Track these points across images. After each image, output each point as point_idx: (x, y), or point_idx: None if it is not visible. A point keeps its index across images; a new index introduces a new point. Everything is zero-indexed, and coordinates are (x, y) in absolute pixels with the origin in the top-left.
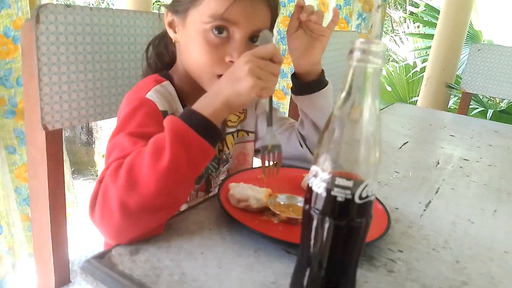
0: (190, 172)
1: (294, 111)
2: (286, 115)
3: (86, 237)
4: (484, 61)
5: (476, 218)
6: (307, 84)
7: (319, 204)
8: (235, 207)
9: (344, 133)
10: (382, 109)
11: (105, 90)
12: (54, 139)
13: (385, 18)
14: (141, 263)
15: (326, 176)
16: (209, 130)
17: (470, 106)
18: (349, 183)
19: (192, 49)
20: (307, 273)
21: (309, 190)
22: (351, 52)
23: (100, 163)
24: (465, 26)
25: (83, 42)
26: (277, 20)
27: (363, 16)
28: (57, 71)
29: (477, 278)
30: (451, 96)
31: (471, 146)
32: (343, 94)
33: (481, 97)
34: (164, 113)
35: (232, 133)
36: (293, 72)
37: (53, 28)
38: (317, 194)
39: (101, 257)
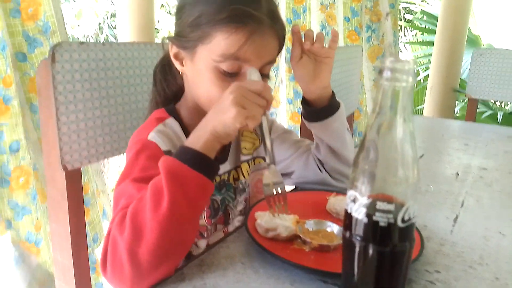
0: (190, 210)
1: (304, 131)
2: (282, 125)
3: None
4: (487, 65)
5: (507, 230)
6: (319, 110)
7: (361, 231)
8: (264, 237)
9: (380, 154)
10: None
11: (121, 124)
12: (74, 178)
13: (398, 25)
14: None
15: (365, 200)
16: (203, 163)
17: (478, 110)
18: (391, 207)
19: (203, 83)
20: None
21: (348, 216)
22: (380, 71)
23: (110, 197)
24: (465, 31)
25: (97, 77)
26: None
27: (372, 28)
28: (74, 109)
29: None
30: (456, 103)
31: (487, 154)
32: (376, 114)
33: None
34: (167, 153)
35: (247, 160)
36: (302, 98)
37: (68, 66)
38: (357, 220)
39: None
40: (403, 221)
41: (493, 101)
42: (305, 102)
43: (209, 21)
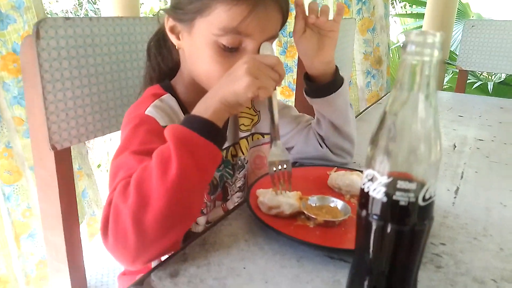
0: (200, 177)
1: (301, 106)
2: (281, 101)
3: (101, 255)
4: (478, 37)
5: (508, 201)
6: (323, 86)
7: (379, 210)
8: (267, 214)
9: (401, 132)
10: (384, 95)
11: (111, 102)
12: (63, 158)
13: None
14: (184, 286)
15: (385, 180)
16: (212, 132)
17: (468, 81)
18: (412, 186)
19: (201, 59)
20: (367, 281)
21: (365, 195)
22: (404, 45)
23: (96, 173)
24: (455, 2)
25: (85, 54)
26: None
27: (363, 0)
28: (61, 88)
29: None
30: (445, 74)
31: (482, 125)
32: (397, 90)
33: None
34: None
35: (246, 137)
36: (304, 74)
37: (54, 43)
38: (375, 199)
39: (140, 283)
40: (424, 199)
41: (480, 72)
42: (307, 77)
43: None
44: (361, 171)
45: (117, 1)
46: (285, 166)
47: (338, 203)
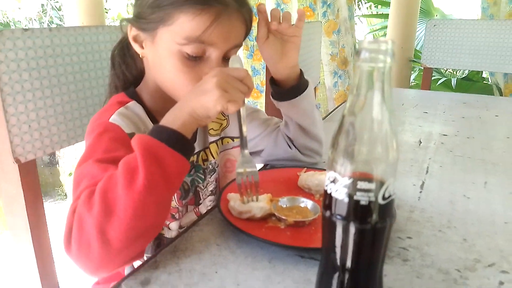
0: (167, 189)
1: (270, 109)
2: (250, 104)
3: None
4: (440, 35)
5: (471, 193)
6: (288, 90)
7: (342, 210)
8: (238, 218)
9: (359, 135)
10: None
11: (76, 112)
12: (28, 171)
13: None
14: None
15: (346, 181)
16: (180, 143)
17: (433, 78)
18: (371, 186)
19: (165, 68)
20: (334, 278)
21: (328, 196)
22: (358, 53)
23: (67, 183)
24: (417, 2)
25: (46, 65)
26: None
27: (328, 3)
28: (22, 100)
29: (487, 254)
30: (411, 72)
31: (446, 120)
32: (354, 95)
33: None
34: (131, 135)
35: (215, 141)
36: (270, 78)
37: (12, 55)
38: (337, 200)
39: None
40: (383, 198)
41: (444, 69)
42: (273, 82)
43: (172, 2)
44: None
45: (81, 8)
46: (252, 176)
47: (308, 203)
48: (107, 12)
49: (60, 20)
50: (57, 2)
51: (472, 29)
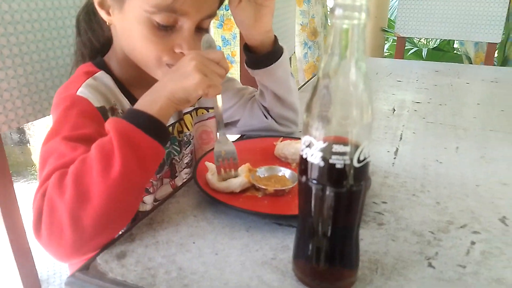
0: (142, 176)
1: (245, 78)
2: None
3: None
4: (414, 4)
5: (443, 158)
6: (262, 56)
7: (317, 175)
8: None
9: (333, 97)
10: None
11: (41, 84)
12: None
13: None
14: (132, 267)
15: (321, 145)
16: (158, 130)
17: (405, 48)
18: (346, 149)
19: (135, 37)
20: (311, 243)
21: (304, 161)
22: (332, 10)
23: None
24: None
25: (6, 33)
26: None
27: None
28: None
29: (459, 215)
30: (385, 42)
31: (419, 88)
32: (328, 55)
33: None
34: (100, 109)
35: (190, 112)
36: (244, 45)
37: None
38: (313, 164)
39: (86, 268)
40: (358, 161)
41: (418, 39)
42: (247, 48)
43: None
44: None
45: None
46: (231, 158)
47: (286, 172)
48: None
49: None
50: None
51: None
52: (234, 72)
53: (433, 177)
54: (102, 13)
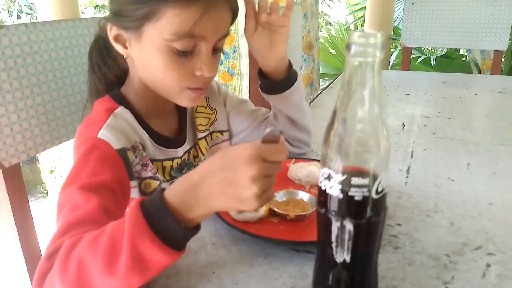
0: (142, 280)
1: (256, 100)
2: (236, 95)
3: None
4: (419, 14)
5: (454, 175)
6: (278, 83)
7: (336, 206)
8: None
9: (350, 130)
10: (336, 78)
11: (58, 111)
12: (13, 175)
13: None
14: None
15: (340, 177)
16: (183, 244)
17: (412, 56)
18: (365, 181)
19: (155, 66)
20: (331, 274)
21: (323, 193)
22: (348, 47)
23: (48, 180)
24: None
25: (24, 64)
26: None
27: None
28: (2, 102)
29: (473, 236)
30: (392, 51)
31: (427, 102)
32: (345, 89)
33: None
34: (120, 151)
35: (205, 137)
36: (258, 70)
37: None
38: (332, 196)
39: None
40: (377, 192)
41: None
42: (261, 74)
43: None
44: (318, 161)
45: None
46: None
47: (304, 196)
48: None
49: (30, 9)
50: None
51: (450, 7)
52: (234, 84)
53: (446, 196)
54: (118, 47)
